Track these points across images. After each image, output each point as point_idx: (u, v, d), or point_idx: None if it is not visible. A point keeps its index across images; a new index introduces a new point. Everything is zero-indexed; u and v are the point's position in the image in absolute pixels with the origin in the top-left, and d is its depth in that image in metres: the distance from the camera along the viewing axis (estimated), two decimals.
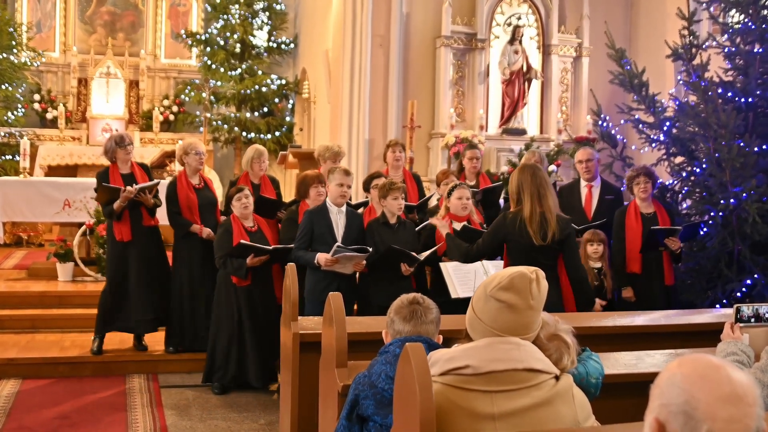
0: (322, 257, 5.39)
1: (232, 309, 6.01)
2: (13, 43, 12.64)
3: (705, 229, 6.24)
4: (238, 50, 14.32)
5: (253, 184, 6.67)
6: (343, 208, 5.65)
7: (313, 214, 5.61)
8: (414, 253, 5.47)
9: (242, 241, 5.83)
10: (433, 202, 6.79)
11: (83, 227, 8.29)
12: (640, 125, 6.87)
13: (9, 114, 12.73)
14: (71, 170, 12.64)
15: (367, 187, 6.33)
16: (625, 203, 6.35)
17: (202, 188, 6.63)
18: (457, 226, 5.65)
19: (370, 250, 5.43)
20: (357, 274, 5.67)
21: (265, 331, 6.01)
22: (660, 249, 5.90)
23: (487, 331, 2.29)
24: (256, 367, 6.00)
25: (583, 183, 6.64)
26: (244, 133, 13.97)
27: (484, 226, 5.78)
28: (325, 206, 5.65)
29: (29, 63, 13.32)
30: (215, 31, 14.32)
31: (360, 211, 6.18)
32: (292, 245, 5.80)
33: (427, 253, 5.49)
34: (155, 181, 6.55)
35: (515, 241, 4.75)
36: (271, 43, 14.47)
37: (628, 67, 6.85)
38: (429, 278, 5.92)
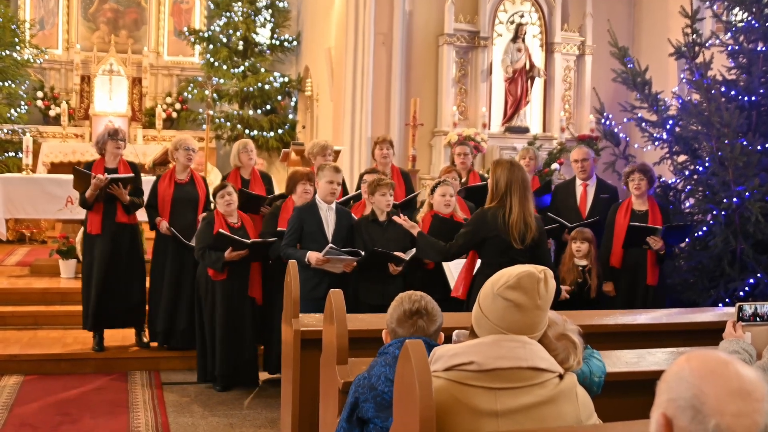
0: (313, 256, 5.35)
1: (208, 304, 6.00)
2: (16, 40, 12.65)
3: (705, 228, 6.23)
4: (240, 48, 14.31)
5: (243, 179, 6.67)
6: (333, 205, 5.60)
7: (303, 212, 5.57)
8: (401, 254, 5.38)
9: (221, 230, 5.82)
10: (421, 198, 6.76)
11: None
12: (643, 123, 6.86)
13: (12, 111, 12.74)
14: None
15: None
16: (621, 200, 6.35)
17: (185, 184, 6.60)
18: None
19: (363, 253, 5.38)
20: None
21: (238, 326, 6.01)
22: (644, 247, 5.89)
23: (494, 329, 2.28)
24: (225, 364, 5.99)
25: (578, 182, 6.64)
26: (246, 131, 13.95)
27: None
28: (314, 203, 5.60)
29: (32, 60, 13.32)
30: (218, 29, 14.32)
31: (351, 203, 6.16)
32: (270, 240, 5.80)
33: (413, 252, 5.39)
34: (129, 175, 6.47)
35: (495, 237, 4.66)
36: (273, 41, 14.46)
37: (631, 66, 6.83)
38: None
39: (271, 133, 14.02)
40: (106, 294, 6.43)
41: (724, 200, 6.02)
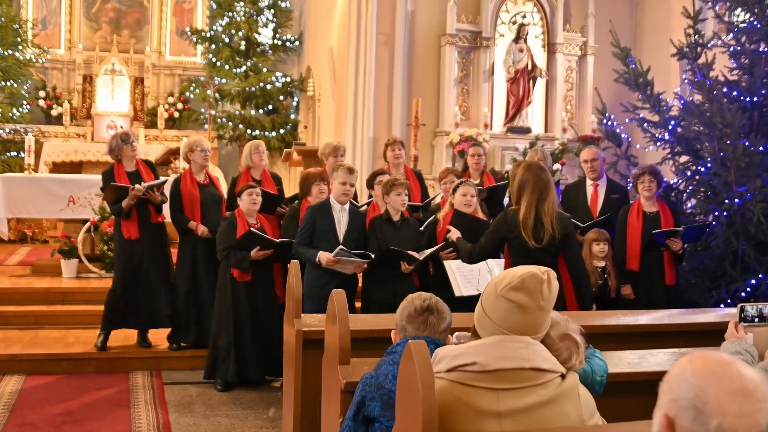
0: (323, 256, 5.37)
1: (232, 305, 6.01)
2: (19, 39, 12.66)
3: (708, 229, 6.23)
4: (243, 48, 14.32)
5: (254, 179, 6.68)
6: (346, 206, 5.63)
7: (316, 211, 5.60)
8: (414, 253, 5.42)
9: (252, 229, 5.84)
10: (437, 201, 6.79)
11: (87, 224, 8.30)
12: (645, 124, 6.86)
13: (14, 110, 12.76)
14: (76, 167, 12.66)
15: (370, 184, 6.35)
16: (631, 202, 6.32)
17: (207, 185, 6.64)
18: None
19: (372, 256, 5.40)
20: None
21: (266, 327, 6.02)
22: (661, 249, 5.88)
23: (496, 329, 2.28)
24: (255, 362, 6.01)
25: (588, 182, 6.59)
26: (248, 131, 13.97)
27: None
28: (328, 203, 5.63)
29: (34, 60, 13.34)
30: (220, 29, 14.33)
31: (363, 209, 6.17)
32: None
33: (428, 253, 5.45)
34: (163, 179, 6.59)
35: (516, 239, 4.75)
36: (276, 41, 14.47)
37: (633, 66, 6.83)
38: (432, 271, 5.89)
39: (273, 133, 14.03)
40: (152, 295, 6.52)
41: (726, 201, 6.02)
